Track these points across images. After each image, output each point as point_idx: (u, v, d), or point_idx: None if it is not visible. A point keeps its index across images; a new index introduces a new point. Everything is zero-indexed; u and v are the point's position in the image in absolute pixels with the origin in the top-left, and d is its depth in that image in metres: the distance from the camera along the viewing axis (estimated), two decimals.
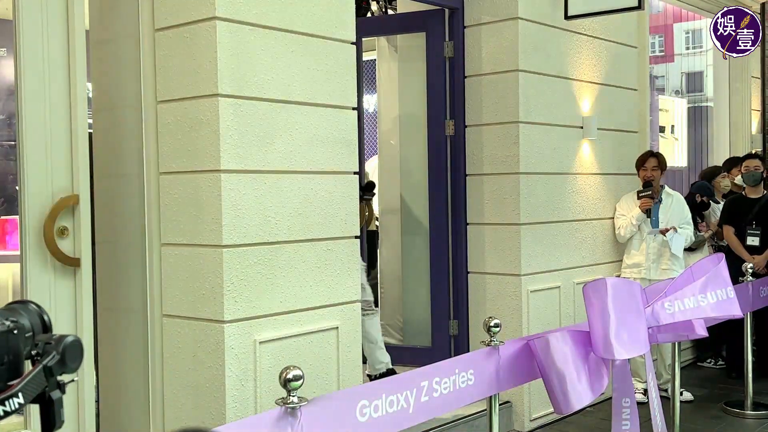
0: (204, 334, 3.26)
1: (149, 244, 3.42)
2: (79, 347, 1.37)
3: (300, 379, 2.39)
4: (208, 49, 3.20)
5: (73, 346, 1.36)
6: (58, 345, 1.35)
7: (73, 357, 1.36)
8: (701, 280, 3.76)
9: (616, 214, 5.61)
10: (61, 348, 1.35)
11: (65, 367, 1.35)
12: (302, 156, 3.50)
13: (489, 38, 4.97)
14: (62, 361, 1.35)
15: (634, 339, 3.36)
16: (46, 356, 1.34)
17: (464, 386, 3.00)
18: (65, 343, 1.36)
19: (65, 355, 1.35)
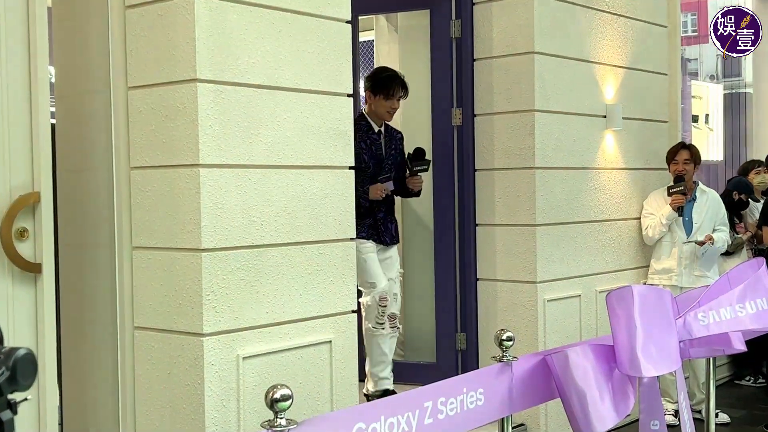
0: (181, 349, 3.26)
1: (119, 248, 3.42)
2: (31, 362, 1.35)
3: (288, 399, 2.39)
4: (185, 28, 3.20)
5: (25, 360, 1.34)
6: (8, 359, 1.33)
7: (25, 373, 1.34)
8: (739, 288, 3.75)
9: (643, 213, 5.62)
10: (11, 363, 1.33)
11: (16, 385, 1.33)
12: (291, 149, 3.50)
13: (501, 16, 4.97)
14: (13, 378, 1.32)
15: (663, 354, 3.36)
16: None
17: (473, 407, 2.99)
18: (16, 357, 1.33)
19: (16, 370, 1.33)
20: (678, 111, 6.12)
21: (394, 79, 4.64)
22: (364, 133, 4.64)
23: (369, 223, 4.70)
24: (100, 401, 3.50)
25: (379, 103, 4.67)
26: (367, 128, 4.70)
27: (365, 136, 4.67)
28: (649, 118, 5.80)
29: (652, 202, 5.61)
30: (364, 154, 4.62)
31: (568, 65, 5.09)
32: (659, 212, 5.50)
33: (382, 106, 4.67)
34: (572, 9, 5.12)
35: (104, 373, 3.48)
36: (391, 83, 4.62)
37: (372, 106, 4.70)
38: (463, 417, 2.95)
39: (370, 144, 4.69)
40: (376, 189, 4.67)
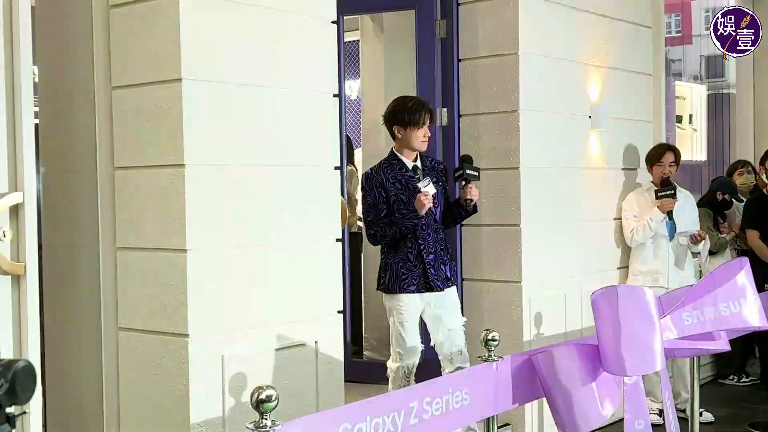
0: (165, 350, 3.25)
1: (103, 249, 3.40)
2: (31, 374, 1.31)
3: (274, 400, 2.38)
4: (169, 28, 3.19)
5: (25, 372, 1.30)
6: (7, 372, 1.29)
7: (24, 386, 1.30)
8: (723, 288, 3.77)
9: (623, 215, 5.60)
10: (10, 376, 1.29)
11: (15, 398, 1.29)
12: (276, 148, 3.50)
13: (486, 17, 4.98)
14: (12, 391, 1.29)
15: (648, 354, 3.37)
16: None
17: (458, 407, 3.00)
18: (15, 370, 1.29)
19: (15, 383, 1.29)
20: (662, 111, 6.15)
21: (421, 105, 4.23)
22: (396, 172, 4.20)
23: (419, 272, 4.16)
24: (84, 402, 3.48)
25: (412, 134, 4.18)
26: (399, 166, 4.22)
27: (398, 174, 4.20)
28: (633, 118, 5.82)
29: (632, 204, 5.58)
30: (401, 195, 4.14)
31: (553, 66, 5.10)
32: (644, 215, 5.48)
33: (415, 137, 4.19)
34: (557, 9, 5.14)
35: (88, 374, 3.46)
36: (420, 110, 4.20)
37: (403, 140, 4.21)
38: (449, 417, 2.95)
39: (405, 183, 4.18)
40: (418, 200, 4.06)
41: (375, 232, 4.18)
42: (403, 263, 4.16)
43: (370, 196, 4.17)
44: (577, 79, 5.31)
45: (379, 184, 4.16)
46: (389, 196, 4.16)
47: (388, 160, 4.25)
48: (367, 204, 4.20)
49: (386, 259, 4.23)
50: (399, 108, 4.25)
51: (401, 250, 4.18)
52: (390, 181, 4.17)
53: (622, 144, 5.71)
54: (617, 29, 5.63)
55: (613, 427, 4.92)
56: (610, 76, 5.55)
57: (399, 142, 4.25)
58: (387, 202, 4.16)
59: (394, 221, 4.12)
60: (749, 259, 4.14)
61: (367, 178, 4.22)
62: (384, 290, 4.23)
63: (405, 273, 4.15)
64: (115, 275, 3.39)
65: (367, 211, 4.20)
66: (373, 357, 5.97)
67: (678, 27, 10.22)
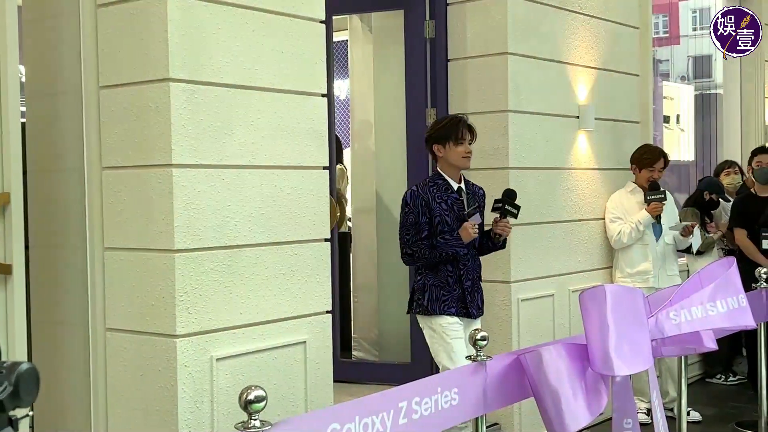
0: (153, 350, 3.24)
1: (91, 249, 3.39)
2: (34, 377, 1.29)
3: (263, 401, 2.38)
4: (158, 27, 3.18)
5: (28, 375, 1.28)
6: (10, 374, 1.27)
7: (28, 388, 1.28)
8: (710, 287, 3.79)
9: (610, 216, 5.58)
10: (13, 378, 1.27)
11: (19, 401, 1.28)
12: (265, 149, 3.49)
13: (475, 17, 4.99)
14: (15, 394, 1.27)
15: (636, 353, 3.38)
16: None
17: (447, 407, 3.00)
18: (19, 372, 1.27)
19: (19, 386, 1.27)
20: (649, 112, 6.17)
21: (458, 121, 4.12)
22: (443, 192, 4.08)
23: (458, 295, 4.07)
24: (71, 403, 3.47)
25: (452, 151, 4.07)
26: (445, 187, 4.10)
27: (444, 195, 4.08)
28: (621, 118, 5.84)
29: (617, 205, 5.57)
30: (446, 216, 4.04)
31: (541, 66, 5.12)
32: (631, 217, 5.47)
33: (455, 153, 4.07)
34: (545, 10, 5.15)
35: (76, 375, 3.45)
36: (457, 126, 4.09)
37: (445, 159, 4.11)
38: (438, 417, 2.95)
39: (451, 204, 4.08)
40: (465, 229, 3.99)
41: (413, 253, 4.03)
42: (442, 286, 4.04)
43: (413, 215, 4.02)
44: (565, 80, 5.32)
45: (424, 203, 4.02)
46: (433, 216, 4.02)
47: (433, 179, 4.13)
48: (407, 222, 4.03)
49: (423, 280, 4.08)
50: (434, 126, 4.19)
51: (441, 272, 4.06)
52: (435, 201, 4.03)
53: (610, 144, 5.72)
54: (605, 30, 5.64)
55: (601, 427, 4.94)
56: (597, 77, 5.57)
57: (441, 161, 4.13)
58: (430, 223, 4.02)
59: (435, 245, 3.99)
60: (736, 258, 4.16)
61: (411, 195, 4.06)
62: (422, 312, 4.06)
63: (445, 295, 4.04)
64: (102, 276, 3.38)
65: (406, 230, 4.04)
66: (361, 357, 5.97)
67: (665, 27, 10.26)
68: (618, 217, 5.53)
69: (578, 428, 3.29)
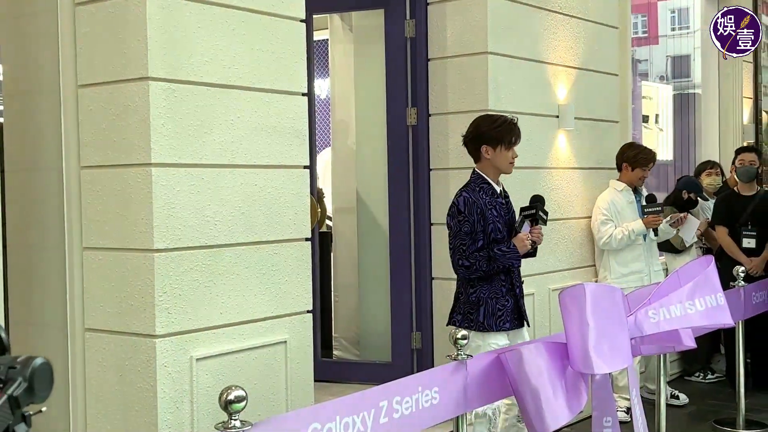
0: (133, 351, 3.22)
1: (69, 249, 3.37)
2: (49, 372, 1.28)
3: (243, 401, 2.37)
4: (137, 25, 3.16)
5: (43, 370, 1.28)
6: (25, 369, 1.26)
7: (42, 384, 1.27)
8: (689, 286, 3.82)
9: (600, 218, 5.53)
10: (28, 373, 1.26)
11: (33, 396, 1.27)
12: (245, 148, 3.48)
13: (455, 16, 4.99)
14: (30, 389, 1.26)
15: (615, 351, 3.40)
16: (10, 384, 1.24)
17: (428, 405, 3.00)
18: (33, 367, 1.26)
19: (33, 381, 1.26)
20: (629, 111, 6.20)
21: (514, 124, 3.98)
22: (491, 197, 3.92)
23: (511, 306, 3.94)
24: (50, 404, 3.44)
25: (502, 155, 3.93)
26: (491, 191, 3.94)
27: (493, 200, 3.92)
28: (600, 118, 5.86)
29: (607, 206, 5.52)
30: (497, 223, 3.89)
31: (521, 65, 5.13)
32: (626, 223, 5.43)
33: (504, 158, 3.94)
34: (525, 10, 5.16)
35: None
36: (513, 130, 3.95)
37: (491, 161, 3.95)
38: (419, 416, 2.96)
39: (499, 209, 3.94)
40: (521, 240, 3.90)
41: (471, 264, 3.83)
42: (497, 298, 3.89)
43: (468, 223, 3.82)
44: (545, 79, 5.34)
45: (479, 210, 3.84)
46: (487, 224, 3.85)
47: (478, 183, 3.94)
48: (462, 231, 3.82)
49: (478, 294, 3.88)
50: (488, 126, 3.97)
51: (495, 283, 3.90)
52: (488, 207, 3.86)
53: (589, 144, 5.75)
54: (584, 29, 5.67)
55: (581, 425, 4.96)
56: (577, 76, 5.59)
57: (485, 163, 3.96)
58: (484, 231, 3.85)
59: (492, 257, 3.82)
60: (716, 256, 4.20)
61: (465, 202, 3.85)
62: (476, 328, 3.84)
63: (500, 309, 3.89)
64: (81, 276, 3.36)
65: (461, 239, 3.82)
66: (342, 357, 5.97)
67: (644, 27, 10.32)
68: (609, 219, 5.49)
69: (558, 426, 3.31)
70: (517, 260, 3.90)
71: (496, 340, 3.85)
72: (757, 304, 5.51)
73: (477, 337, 3.86)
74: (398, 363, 5.21)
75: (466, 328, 3.84)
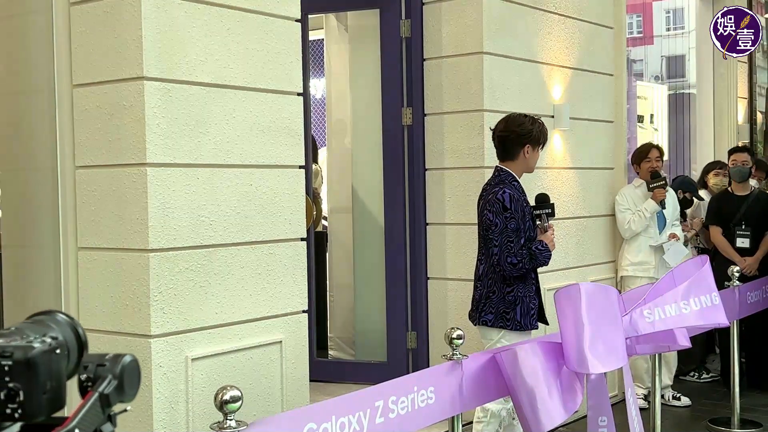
0: (128, 350, 3.20)
1: (64, 248, 3.36)
2: (137, 369, 1.27)
3: (238, 401, 2.37)
4: (132, 25, 3.16)
5: (131, 368, 1.26)
6: (114, 367, 1.24)
7: (131, 382, 1.26)
8: (684, 285, 3.82)
9: (618, 208, 5.82)
10: (118, 370, 1.24)
11: (123, 395, 1.26)
12: (240, 148, 3.48)
13: (450, 16, 4.99)
14: (120, 387, 1.24)
15: (610, 351, 3.41)
16: (100, 382, 1.23)
17: (424, 405, 3.00)
18: (123, 365, 1.25)
19: (123, 378, 1.25)
20: (624, 111, 6.21)
21: (545, 126, 4.01)
22: (522, 196, 3.93)
23: (538, 304, 3.98)
24: None
25: (536, 155, 3.99)
26: (521, 189, 3.96)
27: (524, 200, 3.93)
28: (595, 118, 5.87)
29: (627, 198, 5.81)
30: (529, 220, 3.92)
31: (517, 65, 5.13)
32: (638, 207, 5.71)
33: (535, 160, 4.00)
34: (520, 10, 5.17)
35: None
36: (547, 132, 4.01)
37: (526, 161, 3.97)
38: (414, 416, 2.96)
39: (530, 209, 3.98)
40: (549, 238, 3.94)
41: (518, 262, 3.82)
42: (531, 297, 3.92)
43: (515, 220, 3.81)
44: (540, 79, 5.34)
45: (521, 208, 3.85)
46: (526, 221, 3.88)
47: (510, 181, 3.92)
48: (509, 228, 3.80)
49: (515, 293, 3.88)
50: (529, 125, 3.96)
51: (528, 282, 3.93)
52: (521, 205, 3.87)
53: (584, 144, 5.76)
54: (579, 29, 5.67)
55: (577, 425, 4.97)
56: (572, 76, 5.60)
57: (520, 162, 3.95)
58: (525, 229, 3.88)
59: (534, 254, 3.84)
60: (710, 256, 4.20)
61: (511, 199, 3.82)
62: (514, 328, 3.85)
63: (532, 307, 3.92)
64: (76, 276, 3.35)
65: (508, 236, 3.80)
66: (338, 356, 5.97)
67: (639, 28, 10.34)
68: (627, 208, 5.79)
69: (553, 426, 3.32)
70: (549, 258, 3.94)
71: (523, 339, 3.82)
72: (751, 303, 5.52)
73: (507, 336, 3.86)
74: (394, 363, 5.21)
75: (499, 327, 3.87)
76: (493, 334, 3.91)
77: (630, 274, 5.74)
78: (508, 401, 3.78)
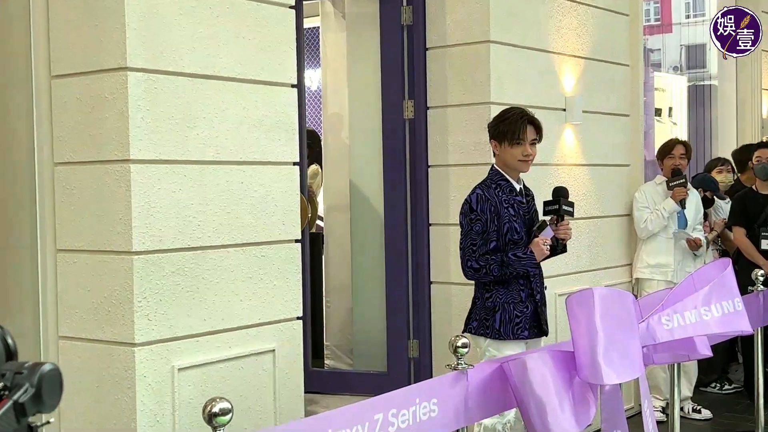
0: (110, 360, 3.22)
1: (42, 250, 3.37)
2: (58, 379, 1.29)
3: (228, 413, 2.37)
4: (115, 12, 3.16)
5: (51, 377, 1.29)
6: (32, 375, 1.27)
7: (51, 391, 1.28)
8: (704, 290, 3.82)
9: (636, 206, 5.87)
10: (35, 380, 1.26)
11: (41, 405, 1.28)
12: (230, 143, 3.48)
13: (455, 3, 5.00)
14: (38, 397, 1.26)
15: (625, 360, 3.40)
16: (16, 390, 1.25)
17: (426, 419, 3.00)
18: (41, 374, 1.28)
19: (41, 388, 1.27)
20: (640, 104, 6.22)
21: (519, 118, 3.91)
22: (508, 195, 3.90)
23: (530, 313, 3.92)
24: None
25: (507, 152, 3.89)
26: (509, 188, 3.93)
27: (510, 198, 3.90)
28: (609, 111, 5.87)
29: (646, 196, 5.86)
30: (514, 223, 3.87)
31: (526, 55, 5.14)
32: (657, 206, 5.75)
33: (510, 156, 3.89)
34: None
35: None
36: (515, 124, 3.88)
37: (500, 157, 3.95)
38: (416, 429, 2.96)
39: (517, 208, 3.92)
40: (538, 245, 3.84)
41: (480, 267, 3.81)
42: (515, 303, 3.88)
43: (480, 222, 3.81)
44: (551, 70, 5.35)
45: (493, 208, 3.83)
46: (502, 224, 3.84)
47: (494, 179, 3.94)
48: (473, 231, 3.81)
49: (494, 298, 3.87)
50: (497, 119, 3.98)
51: (513, 287, 3.89)
52: (503, 205, 3.85)
53: (598, 139, 5.76)
54: (593, 16, 5.68)
55: None
56: (585, 67, 5.60)
57: (499, 159, 3.96)
58: (498, 231, 3.85)
59: (506, 263, 3.80)
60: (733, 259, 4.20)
61: (477, 199, 3.84)
62: (492, 336, 3.85)
63: (518, 315, 3.87)
64: (55, 279, 3.36)
65: (471, 240, 3.82)
66: (334, 366, 5.97)
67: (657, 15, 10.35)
68: (645, 206, 5.84)
69: None
70: (534, 267, 3.88)
71: (513, 350, 3.80)
72: None
73: (492, 345, 3.86)
74: (394, 373, 5.22)
75: (481, 335, 3.87)
76: (480, 342, 3.92)
77: (646, 277, 5.79)
78: (503, 416, 3.79)
